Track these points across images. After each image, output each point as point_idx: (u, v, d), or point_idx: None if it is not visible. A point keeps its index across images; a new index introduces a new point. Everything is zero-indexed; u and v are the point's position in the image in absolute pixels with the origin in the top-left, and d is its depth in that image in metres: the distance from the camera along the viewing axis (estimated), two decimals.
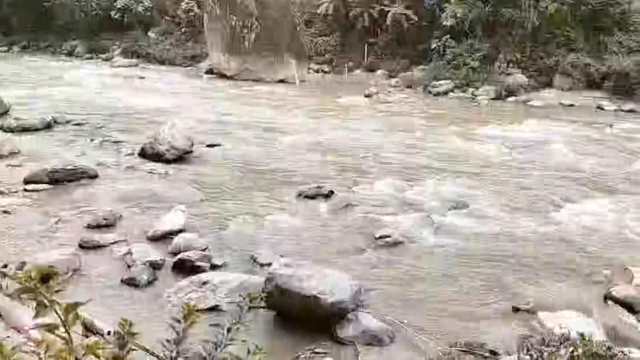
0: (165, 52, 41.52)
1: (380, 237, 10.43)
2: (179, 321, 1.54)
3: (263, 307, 7.49)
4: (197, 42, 41.43)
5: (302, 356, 6.82)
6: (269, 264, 8.64)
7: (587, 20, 28.99)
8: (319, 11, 37.40)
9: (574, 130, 20.79)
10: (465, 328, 7.54)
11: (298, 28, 37.35)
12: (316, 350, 6.92)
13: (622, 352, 5.56)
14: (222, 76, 34.77)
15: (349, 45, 37.28)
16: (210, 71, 35.97)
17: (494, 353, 6.85)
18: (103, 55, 43.17)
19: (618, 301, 8.35)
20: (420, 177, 14.61)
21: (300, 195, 12.84)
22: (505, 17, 29.95)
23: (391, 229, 10.73)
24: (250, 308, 1.68)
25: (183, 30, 42.87)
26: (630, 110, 25.00)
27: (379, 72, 34.45)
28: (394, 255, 9.93)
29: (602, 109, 25.58)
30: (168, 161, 15.01)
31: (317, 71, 36.73)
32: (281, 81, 33.86)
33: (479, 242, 10.57)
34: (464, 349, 6.93)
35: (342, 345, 7.11)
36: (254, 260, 9.40)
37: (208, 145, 17.13)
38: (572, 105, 26.37)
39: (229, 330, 1.59)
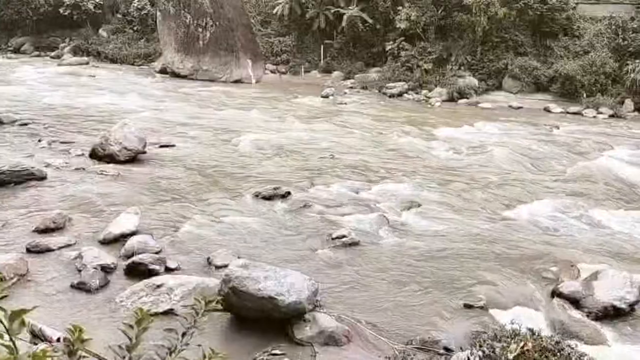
0: (116, 50, 40.53)
1: (337, 237, 10.49)
2: (131, 326, 1.50)
3: (219, 310, 7.40)
4: (150, 41, 40.64)
5: (259, 358, 6.77)
6: (225, 266, 8.56)
7: (535, 25, 30.00)
8: (274, 12, 37.31)
9: (523, 132, 21.45)
10: (420, 326, 7.66)
11: (254, 28, 37.15)
12: (273, 352, 6.89)
13: (569, 345, 5.77)
14: (176, 75, 34.20)
15: (305, 46, 37.33)
16: (163, 70, 35.33)
17: (448, 349, 6.99)
18: (52, 53, 41.80)
19: (565, 297, 8.67)
20: (376, 178, 14.77)
21: (256, 196, 12.77)
22: (457, 21, 30.65)
23: (347, 229, 10.80)
24: (205, 311, 1.66)
25: (135, 28, 41.97)
26: (576, 113, 25.99)
27: (335, 73, 34.65)
28: (351, 254, 10.00)
29: (550, 111, 26.49)
30: (120, 162, 14.66)
31: (273, 71, 36.62)
32: (237, 81, 33.59)
33: (432, 241, 10.77)
34: (419, 347, 7.05)
35: (300, 346, 7.11)
36: (210, 262, 9.29)
37: (162, 146, 16.82)
38: (520, 107, 27.20)
39: (183, 334, 1.57)
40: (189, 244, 10.10)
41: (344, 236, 10.51)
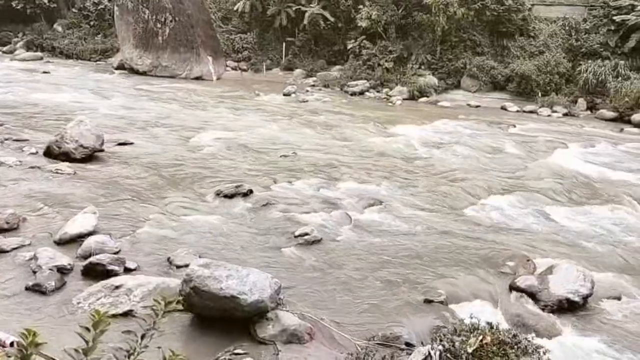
0: (72, 45, 39.46)
1: (300, 235, 10.49)
2: (87, 329, 1.46)
3: (180, 310, 7.32)
4: (107, 36, 39.72)
5: (222, 358, 6.72)
6: (186, 265, 8.44)
7: (492, 26, 30.67)
8: (235, 8, 36.99)
9: (482, 131, 21.92)
10: (382, 322, 7.74)
11: (214, 24, 36.74)
12: (235, 351, 6.84)
13: (526, 338, 5.93)
14: (135, 72, 33.52)
15: (266, 43, 37.15)
16: (121, 66, 34.58)
17: (409, 345, 7.09)
18: (4, 48, 40.41)
19: (522, 290, 8.91)
20: (338, 175, 14.83)
21: (218, 194, 12.65)
22: (417, 21, 31.06)
23: (310, 227, 10.81)
24: (165, 312, 1.63)
25: (92, 23, 40.92)
26: (531, 111, 26.71)
27: (297, 71, 34.62)
28: (313, 252, 10.02)
29: (506, 110, 27.14)
30: (76, 160, 14.27)
31: (234, 69, 36.31)
32: (198, 78, 33.18)
33: (395, 238, 10.89)
34: (381, 342, 7.12)
35: (262, 345, 7.08)
36: (170, 262, 9.15)
37: (120, 144, 16.46)
38: (478, 106, 27.77)
39: (142, 336, 1.54)
40: (149, 243, 9.92)
41: (306, 234, 10.52)
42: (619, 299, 9.07)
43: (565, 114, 26.21)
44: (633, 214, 13.16)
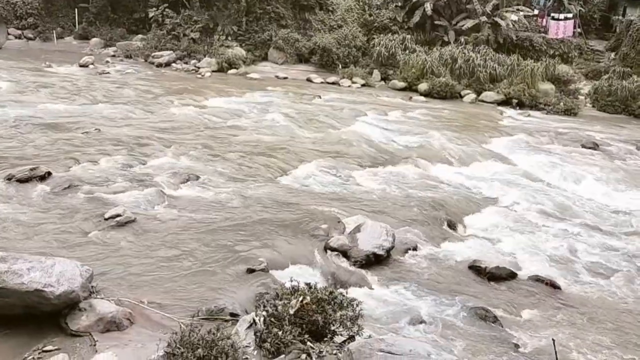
0: None
1: (111, 217, 9.88)
2: None
3: None
4: None
5: (29, 358, 6.11)
6: None
7: None
8: None
9: (290, 102, 22.63)
10: (205, 297, 7.72)
11: None
12: (45, 348, 6.27)
13: (341, 293, 6.42)
14: None
15: (56, 9, 33.51)
16: None
17: (234, 315, 7.18)
18: None
19: (335, 250, 9.59)
20: (149, 151, 14.18)
21: (10, 179, 11.26)
22: None
23: (122, 208, 10.23)
24: None
25: None
26: (334, 83, 28.29)
27: (94, 40, 31.94)
28: (127, 234, 9.53)
29: (312, 81, 28.35)
30: None
31: (19, 37, 32.25)
32: None
33: (213, 211, 10.84)
34: (205, 317, 7.10)
35: (77, 338, 6.57)
36: None
37: None
38: (286, 77, 28.56)
39: None
40: None
41: (118, 215, 9.94)
42: (415, 248, 10.24)
43: (363, 85, 28.22)
44: (420, 172, 14.84)
